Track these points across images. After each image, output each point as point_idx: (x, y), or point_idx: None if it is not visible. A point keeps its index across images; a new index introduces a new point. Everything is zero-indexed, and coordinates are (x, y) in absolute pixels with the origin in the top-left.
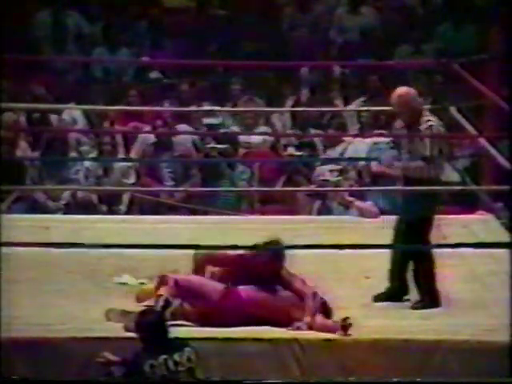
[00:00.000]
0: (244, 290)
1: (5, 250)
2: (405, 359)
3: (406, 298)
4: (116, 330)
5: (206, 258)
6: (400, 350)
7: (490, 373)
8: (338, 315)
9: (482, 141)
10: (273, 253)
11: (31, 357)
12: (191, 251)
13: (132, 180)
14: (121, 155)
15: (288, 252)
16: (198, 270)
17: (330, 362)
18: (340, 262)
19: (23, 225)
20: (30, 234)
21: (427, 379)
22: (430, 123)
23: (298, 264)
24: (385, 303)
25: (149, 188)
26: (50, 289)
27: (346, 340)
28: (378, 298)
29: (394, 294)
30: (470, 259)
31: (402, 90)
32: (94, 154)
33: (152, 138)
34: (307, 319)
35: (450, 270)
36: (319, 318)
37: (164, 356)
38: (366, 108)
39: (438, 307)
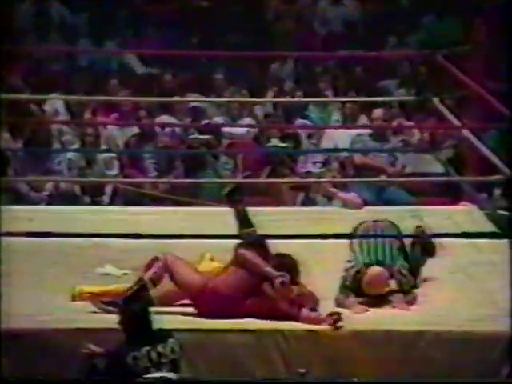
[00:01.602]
0: (223, 282)
1: None
2: (387, 350)
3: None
4: (99, 320)
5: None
6: (382, 341)
7: (473, 363)
8: (322, 306)
9: (466, 132)
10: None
11: (13, 348)
12: (174, 241)
13: (115, 171)
14: (103, 146)
15: (272, 243)
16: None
17: (314, 353)
18: (324, 253)
19: (5, 216)
20: (12, 226)
21: (426, 379)
22: None
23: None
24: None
25: (132, 179)
26: (33, 279)
27: (329, 331)
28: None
29: None
30: (454, 250)
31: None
32: (76, 145)
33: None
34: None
35: (433, 260)
36: (305, 310)
37: (147, 347)
38: (350, 99)
39: None
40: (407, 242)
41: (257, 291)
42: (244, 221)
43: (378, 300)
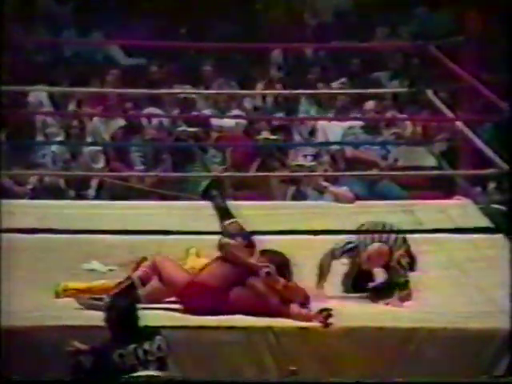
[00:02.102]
0: (206, 273)
1: None
2: (380, 348)
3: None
4: (85, 317)
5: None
6: (375, 338)
7: (468, 361)
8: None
9: (460, 124)
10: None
11: None
12: (161, 237)
13: (101, 164)
14: (89, 139)
15: (262, 238)
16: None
17: (305, 350)
18: (315, 249)
19: None
20: None
21: (420, 377)
22: None
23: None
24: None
25: (118, 173)
26: (16, 276)
27: (320, 328)
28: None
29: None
30: (448, 245)
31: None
32: (61, 138)
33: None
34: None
35: (426, 256)
36: (295, 306)
37: (134, 345)
38: (342, 91)
39: None
40: None
41: (241, 283)
42: (224, 214)
43: (372, 295)
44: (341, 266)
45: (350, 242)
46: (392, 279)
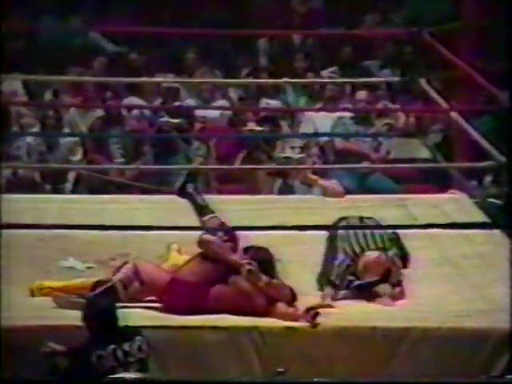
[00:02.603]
0: (186, 270)
1: None
2: (372, 348)
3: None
4: (61, 317)
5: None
6: (366, 339)
7: (462, 362)
8: (301, 301)
9: (454, 115)
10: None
11: None
12: (142, 233)
13: (78, 157)
14: (66, 130)
15: (247, 234)
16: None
17: (292, 351)
18: (303, 245)
19: None
20: None
21: (413, 378)
22: None
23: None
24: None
25: (97, 165)
26: None
27: (308, 328)
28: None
29: None
30: (442, 241)
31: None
32: (36, 128)
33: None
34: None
35: (419, 252)
36: (282, 305)
37: (113, 346)
38: (332, 80)
39: None
40: None
41: (223, 281)
42: (202, 210)
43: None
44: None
45: (343, 261)
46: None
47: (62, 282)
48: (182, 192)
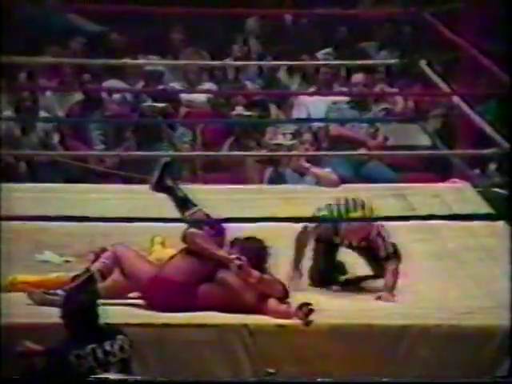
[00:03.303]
0: (172, 267)
1: None
2: (368, 347)
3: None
4: (37, 314)
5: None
6: (363, 337)
7: (464, 362)
8: (292, 298)
9: (456, 99)
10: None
11: None
12: (124, 225)
13: (55, 143)
14: (42, 114)
15: (235, 227)
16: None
17: (284, 350)
18: (294, 237)
19: None
20: None
21: (412, 379)
22: None
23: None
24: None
25: (75, 152)
26: None
27: (301, 326)
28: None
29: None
30: (443, 233)
31: None
32: (10, 112)
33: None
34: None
35: (419, 245)
36: (273, 302)
37: (92, 345)
38: (326, 62)
39: None
40: None
41: (211, 278)
42: (184, 204)
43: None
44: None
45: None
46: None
47: (38, 276)
48: (159, 186)
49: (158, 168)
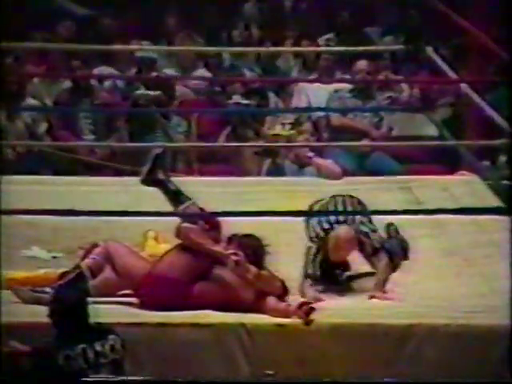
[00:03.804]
0: (165, 264)
1: None
2: (372, 348)
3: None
4: (24, 312)
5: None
6: (366, 337)
7: (472, 362)
8: (292, 295)
9: (465, 87)
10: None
11: None
12: (114, 219)
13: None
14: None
15: (231, 221)
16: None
17: (283, 350)
18: (295, 232)
19: None
20: None
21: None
22: None
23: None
24: None
25: (64, 143)
26: None
27: (301, 325)
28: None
29: None
30: (450, 228)
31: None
32: None
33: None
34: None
35: (425, 240)
36: (271, 300)
37: (82, 345)
38: (328, 48)
39: None
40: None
41: (207, 275)
42: (177, 198)
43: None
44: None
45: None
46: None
47: (25, 272)
48: (149, 179)
49: (148, 160)
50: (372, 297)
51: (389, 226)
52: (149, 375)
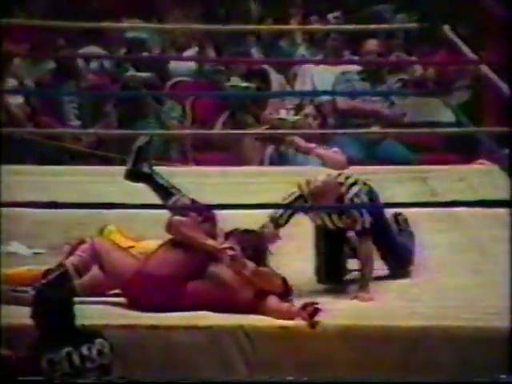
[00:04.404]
0: (156, 261)
1: None
2: (383, 352)
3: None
4: (4, 314)
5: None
6: (376, 340)
7: (488, 366)
8: (296, 294)
9: (484, 68)
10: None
11: None
12: (102, 212)
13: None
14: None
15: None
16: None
17: (286, 354)
18: (298, 227)
19: None
20: None
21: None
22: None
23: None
24: None
25: (47, 129)
26: None
27: (305, 327)
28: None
29: None
30: (468, 222)
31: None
32: None
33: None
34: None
35: (441, 235)
36: (273, 299)
37: (67, 348)
38: (336, 27)
39: None
40: None
41: (202, 272)
42: (166, 192)
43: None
44: None
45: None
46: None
47: (4, 270)
48: (134, 175)
49: (131, 154)
50: (355, 297)
51: (397, 215)
52: (139, 381)
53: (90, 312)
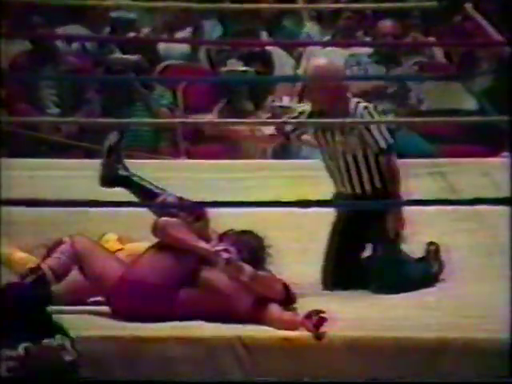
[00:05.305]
0: (144, 266)
1: None
2: (395, 366)
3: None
4: None
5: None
6: (388, 353)
7: None
8: (300, 302)
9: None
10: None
11: None
12: (83, 210)
13: None
14: None
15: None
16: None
17: (288, 368)
18: (303, 226)
19: None
20: None
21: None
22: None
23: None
24: None
25: (23, 118)
26: None
27: (310, 339)
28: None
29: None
30: (491, 221)
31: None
32: None
33: None
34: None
35: (462, 236)
36: (274, 308)
37: (25, 344)
38: (347, 5)
39: None
40: None
41: (194, 279)
42: (149, 192)
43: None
44: None
45: None
46: None
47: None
48: (109, 180)
49: (102, 156)
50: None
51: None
52: None
53: (70, 321)
